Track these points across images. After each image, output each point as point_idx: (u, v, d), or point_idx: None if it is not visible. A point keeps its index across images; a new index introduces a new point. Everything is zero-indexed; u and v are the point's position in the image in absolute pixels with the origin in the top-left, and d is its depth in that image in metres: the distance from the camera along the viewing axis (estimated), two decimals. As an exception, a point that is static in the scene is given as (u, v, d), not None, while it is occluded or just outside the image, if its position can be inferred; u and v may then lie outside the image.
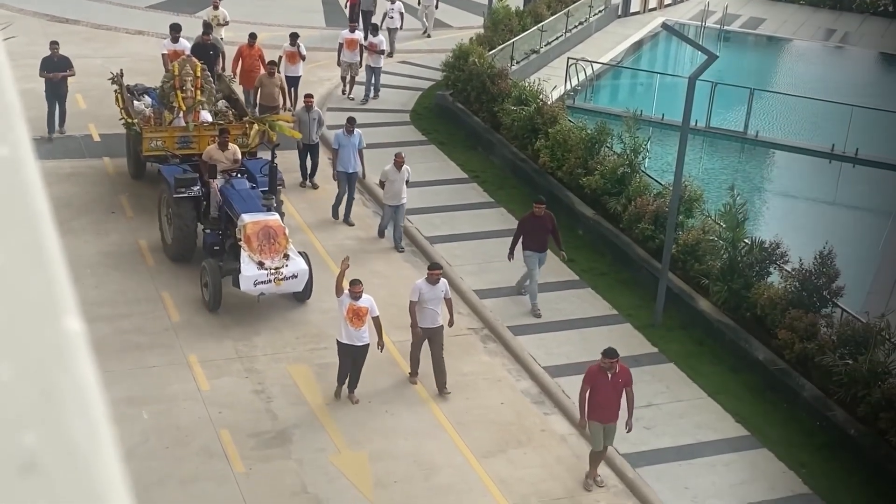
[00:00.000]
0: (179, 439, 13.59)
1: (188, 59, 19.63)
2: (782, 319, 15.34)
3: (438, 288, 14.65)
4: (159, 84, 19.67)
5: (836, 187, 26.53)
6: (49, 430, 0.76)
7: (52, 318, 0.87)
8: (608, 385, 13.00)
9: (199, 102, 19.03)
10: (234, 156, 17.68)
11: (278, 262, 15.71)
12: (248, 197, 16.65)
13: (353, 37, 25.40)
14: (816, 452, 14.18)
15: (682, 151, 16.53)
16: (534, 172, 21.54)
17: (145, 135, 18.66)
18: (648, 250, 18.24)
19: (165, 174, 17.64)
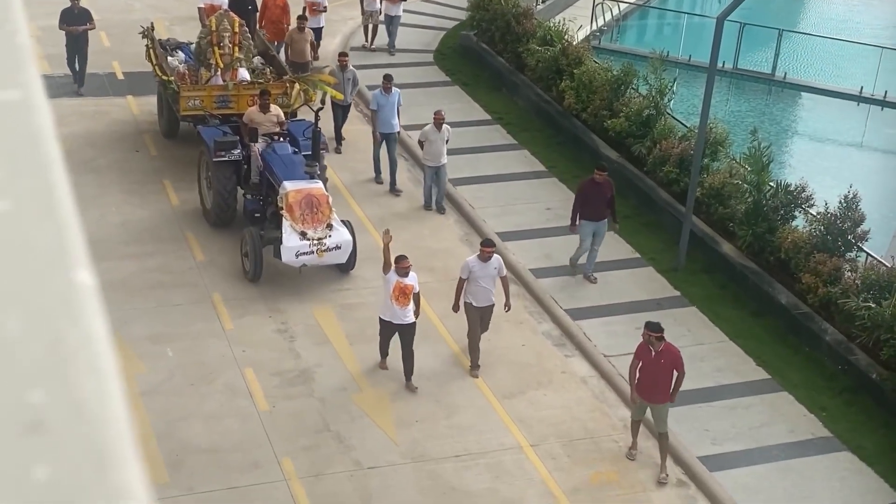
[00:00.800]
0: (204, 377, 13.71)
1: (226, 13, 18.71)
2: (806, 263, 15.25)
3: (491, 265, 13.88)
4: (195, 39, 18.84)
5: (864, 130, 26.20)
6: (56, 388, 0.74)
7: (62, 271, 0.84)
8: (651, 362, 12.43)
9: (238, 60, 18.14)
10: (276, 118, 16.86)
11: (321, 232, 15.04)
12: (290, 163, 15.84)
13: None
14: (837, 396, 14.16)
15: (709, 93, 16.33)
16: (558, 114, 21.36)
17: (183, 93, 17.63)
18: (672, 194, 18.11)
19: (205, 136, 16.77)
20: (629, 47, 28.08)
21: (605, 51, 26.51)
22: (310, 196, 15.12)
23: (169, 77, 18.16)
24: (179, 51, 19.64)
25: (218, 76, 17.92)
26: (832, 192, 16.36)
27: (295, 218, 14.98)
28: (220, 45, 18.04)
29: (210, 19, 18.57)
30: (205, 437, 12.63)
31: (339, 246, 15.12)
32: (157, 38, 19.50)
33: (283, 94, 17.81)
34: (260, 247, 15.33)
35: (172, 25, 25.92)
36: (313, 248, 14.93)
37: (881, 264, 14.92)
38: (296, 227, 14.96)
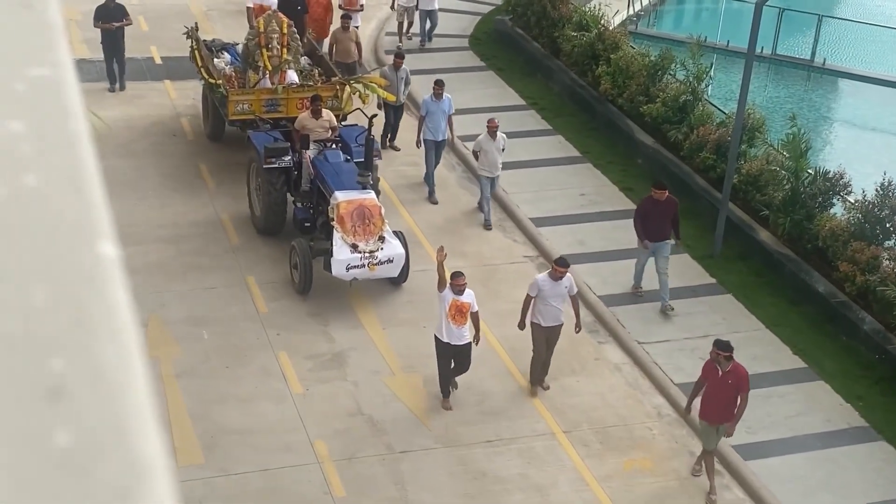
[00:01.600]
0: (239, 359, 13.82)
1: (274, 14, 18.03)
2: (844, 252, 15.11)
3: (562, 284, 13.23)
4: (242, 41, 18.24)
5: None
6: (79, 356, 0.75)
7: (88, 243, 0.85)
8: (717, 381, 11.93)
9: (286, 62, 17.56)
10: (329, 124, 16.27)
11: (373, 244, 14.46)
12: (342, 172, 15.31)
13: None
14: (874, 386, 14.04)
15: (747, 79, 16.19)
16: (593, 100, 21.27)
17: (231, 97, 17.14)
18: (709, 180, 17.99)
19: (255, 142, 16.18)
20: (666, 32, 27.89)
21: (642, 36, 26.35)
22: (362, 207, 14.57)
23: (216, 80, 17.69)
24: (225, 52, 19.10)
25: (266, 79, 17.44)
26: (871, 179, 16.18)
27: (346, 230, 14.45)
28: (269, 46, 17.50)
29: (258, 20, 17.98)
30: (239, 420, 12.74)
31: (391, 259, 14.56)
32: (201, 39, 19.01)
33: (334, 97, 17.40)
34: (310, 258, 14.78)
35: (210, 10, 26.06)
36: (364, 262, 14.42)
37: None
38: (347, 239, 14.42)
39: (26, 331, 0.76)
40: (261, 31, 17.53)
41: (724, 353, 11.90)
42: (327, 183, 15.14)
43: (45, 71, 1.09)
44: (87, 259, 0.83)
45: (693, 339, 14.76)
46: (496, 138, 16.73)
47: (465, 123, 20.18)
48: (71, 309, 0.78)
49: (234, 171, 18.29)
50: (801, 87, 26.77)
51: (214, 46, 19.25)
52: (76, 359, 0.74)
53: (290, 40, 17.65)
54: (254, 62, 17.56)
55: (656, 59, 20.07)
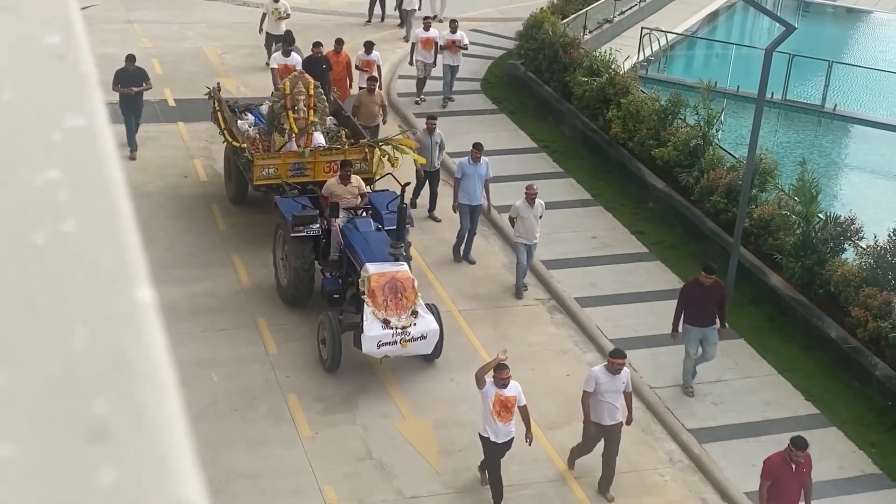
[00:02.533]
0: (248, 402, 13.80)
1: (300, 75, 17.43)
2: (856, 297, 15.08)
3: (619, 379, 12.40)
4: (267, 102, 17.86)
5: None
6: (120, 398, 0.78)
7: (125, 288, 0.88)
8: (791, 478, 11.42)
9: (313, 124, 17.05)
10: (358, 190, 15.71)
11: (405, 320, 13.75)
12: (373, 242, 14.65)
13: (430, 35, 22.99)
14: (887, 432, 13.95)
15: (757, 124, 16.26)
16: (604, 143, 21.37)
17: (257, 162, 16.57)
18: (720, 224, 18.02)
19: (283, 209, 15.51)
20: (677, 77, 28.04)
21: (653, 80, 26.48)
22: (394, 280, 13.87)
23: (241, 144, 17.14)
24: (248, 113, 18.51)
25: (292, 142, 16.89)
26: (882, 225, 16.19)
27: (377, 304, 13.73)
28: (295, 108, 16.92)
29: (284, 82, 17.36)
30: (248, 463, 12.70)
31: (424, 336, 13.84)
32: (224, 100, 18.49)
33: (363, 160, 16.86)
34: (339, 333, 14.04)
35: (225, 54, 26.32)
36: (397, 338, 13.68)
37: (933, 299, 14.71)
38: (378, 314, 13.70)
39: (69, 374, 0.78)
40: (287, 92, 16.96)
41: (800, 452, 11.36)
42: (357, 254, 14.48)
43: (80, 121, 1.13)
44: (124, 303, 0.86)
45: (705, 383, 14.71)
46: (534, 205, 16.07)
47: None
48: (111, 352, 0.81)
49: (246, 213, 18.40)
50: (812, 133, 26.84)
51: (237, 107, 18.76)
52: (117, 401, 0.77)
53: (316, 101, 17.16)
54: (279, 125, 17.04)
55: (666, 103, 20.18)
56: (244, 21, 27.87)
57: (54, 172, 1.03)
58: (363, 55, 21.66)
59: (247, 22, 27.22)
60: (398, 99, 23.79)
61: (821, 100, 26.98)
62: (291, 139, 16.87)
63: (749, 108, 21.23)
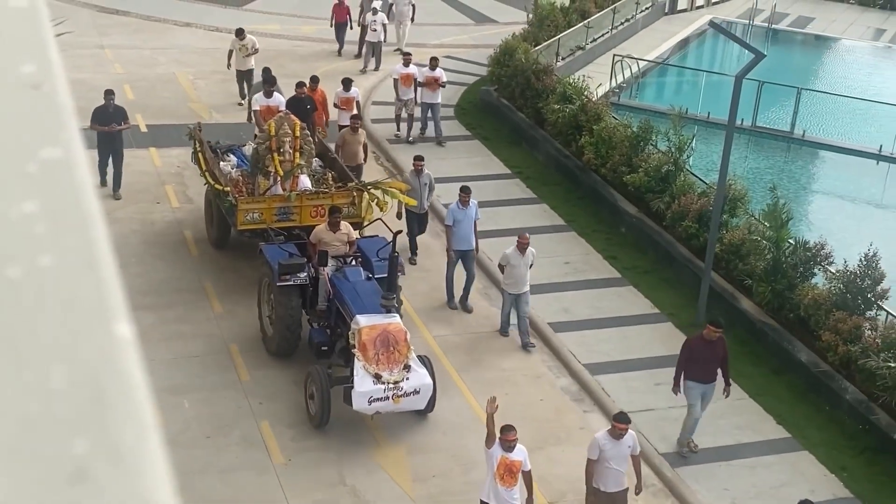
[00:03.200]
0: (220, 429, 13.70)
1: (286, 116, 16.83)
2: (826, 321, 15.18)
3: (625, 443, 11.83)
4: (251, 144, 17.24)
5: (884, 188, 26.18)
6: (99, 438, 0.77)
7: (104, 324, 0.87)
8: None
9: (299, 166, 16.44)
10: (347, 237, 15.12)
11: (398, 374, 13.15)
12: (364, 293, 14.03)
13: (409, 71, 22.56)
14: (858, 456, 14.01)
15: (728, 150, 16.38)
16: (577, 169, 21.47)
17: (241, 206, 15.94)
18: (692, 249, 18.11)
19: (269, 257, 14.85)
20: (648, 104, 28.24)
21: (624, 107, 26.66)
22: (386, 333, 13.29)
23: (224, 187, 16.55)
24: (231, 154, 17.95)
25: (277, 185, 16.30)
26: (852, 249, 16.33)
27: (368, 358, 13.15)
28: (280, 150, 16.30)
29: (268, 123, 16.76)
30: (220, 491, 12.59)
31: (417, 390, 13.22)
32: (205, 141, 17.91)
33: (351, 204, 16.24)
34: (328, 388, 13.41)
35: (197, 80, 26.27)
36: (389, 394, 13.07)
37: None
38: (369, 368, 13.11)
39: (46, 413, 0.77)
40: (272, 134, 16.40)
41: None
42: (347, 305, 13.87)
43: (57, 152, 1.11)
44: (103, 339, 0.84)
45: (677, 408, 14.72)
46: (525, 254, 15.53)
47: (450, 191, 20.30)
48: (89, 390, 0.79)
49: (219, 238, 18.29)
50: (781, 159, 27.09)
51: (219, 148, 18.18)
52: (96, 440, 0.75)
53: (302, 143, 16.58)
54: (264, 167, 16.47)
55: (638, 130, 20.32)
56: (216, 47, 27.86)
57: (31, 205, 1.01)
58: (342, 92, 20.97)
59: (219, 48, 27.20)
60: (371, 125, 23.80)
61: (790, 126, 27.25)
62: (276, 182, 16.31)
63: (719, 135, 21.42)
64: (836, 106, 29.20)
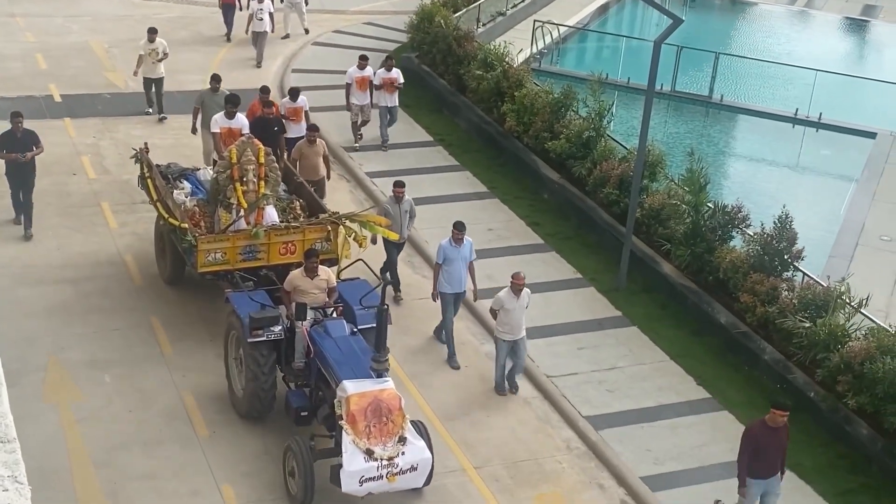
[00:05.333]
0: (143, 402, 13.53)
1: (249, 141, 14.90)
2: (744, 283, 15.46)
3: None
4: (212, 173, 15.31)
5: (800, 151, 26.69)
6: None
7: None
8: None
9: (264, 197, 14.68)
10: (326, 283, 13.31)
11: (392, 448, 11.53)
12: (350, 352, 12.36)
13: (365, 74, 20.93)
14: (776, 414, 14.31)
15: (647, 115, 16.53)
16: (499, 136, 21.50)
17: (202, 246, 14.09)
18: (613, 214, 18.28)
19: (237, 308, 13.07)
20: (569, 70, 28.37)
21: (546, 73, 26.75)
22: (378, 401, 11.62)
23: (181, 223, 14.57)
24: (184, 180, 15.97)
25: (241, 220, 14.51)
26: (768, 212, 16.62)
27: (359, 431, 11.50)
28: (243, 180, 14.57)
29: (230, 150, 14.79)
30: (144, 465, 12.45)
31: (414, 466, 11.60)
32: (154, 165, 15.94)
33: (325, 239, 14.63)
34: (311, 463, 11.73)
35: (112, 48, 25.72)
36: (382, 472, 11.44)
37: (817, 283, 15.16)
38: (360, 443, 11.47)
39: None
40: (233, 161, 14.56)
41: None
42: (331, 367, 12.21)
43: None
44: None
45: (600, 371, 14.92)
46: (520, 295, 13.96)
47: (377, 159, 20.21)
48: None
49: (138, 210, 18.01)
50: (700, 123, 27.43)
51: (171, 173, 16.18)
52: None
53: (268, 171, 14.80)
54: (225, 199, 14.64)
55: (559, 96, 20.40)
56: (130, 14, 27.27)
57: None
58: (288, 102, 19.14)
59: (133, 15, 26.64)
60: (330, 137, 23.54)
61: (708, 90, 27.58)
62: (239, 215, 14.52)
63: (639, 100, 21.62)
64: (753, 70, 29.63)
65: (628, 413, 14.14)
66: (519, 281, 13.93)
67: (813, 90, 26.70)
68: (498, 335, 14.18)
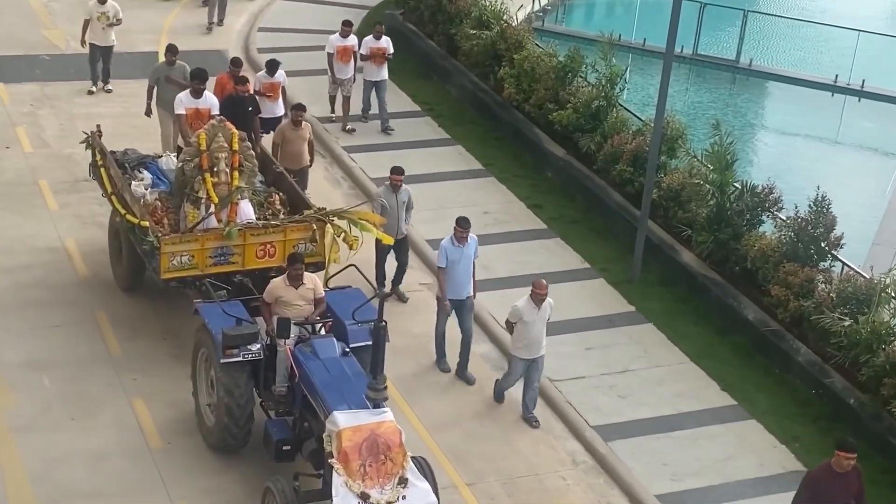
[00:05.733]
0: (87, 409, 13.54)
1: (220, 124, 14.36)
2: (775, 274, 15.49)
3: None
4: (177, 162, 14.71)
5: (839, 123, 26.74)
6: None
7: None
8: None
9: (238, 190, 14.12)
10: (313, 293, 12.85)
11: (391, 492, 11.03)
12: (341, 377, 11.82)
13: (348, 44, 20.46)
14: (811, 424, 14.39)
15: (666, 82, 16.53)
16: (497, 105, 21.49)
17: (166, 248, 13.57)
18: (626, 195, 18.31)
19: (209, 323, 12.56)
20: (576, 30, 28.38)
21: (549, 33, 26.76)
22: (374, 437, 11.14)
23: (140, 220, 14.03)
24: (143, 169, 15.39)
25: (211, 217, 14.00)
26: (803, 193, 16.65)
27: (352, 471, 11.01)
28: (214, 170, 14.01)
29: (198, 134, 14.25)
30: (88, 480, 12.47)
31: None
32: (108, 151, 15.40)
33: (310, 239, 14.17)
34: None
35: (50, 2, 25.63)
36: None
37: (858, 275, 15.20)
38: (353, 485, 10.99)
39: None
40: (202, 149, 14.02)
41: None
42: (319, 395, 11.69)
43: None
44: None
45: (611, 374, 14.96)
46: (542, 307, 13.62)
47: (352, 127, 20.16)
48: None
49: (82, 189, 17.97)
50: (726, 91, 27.46)
51: (128, 161, 15.56)
52: None
53: (242, 160, 14.25)
54: (192, 193, 14.12)
55: (565, 59, 20.39)
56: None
57: None
58: (264, 77, 18.74)
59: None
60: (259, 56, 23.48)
61: (735, 54, 27.61)
62: (210, 213, 14.00)
63: (657, 64, 21.61)
64: (786, 31, 29.66)
65: (642, 422, 14.17)
66: (541, 290, 13.55)
67: (855, 53, 26.74)
68: (514, 352, 13.82)
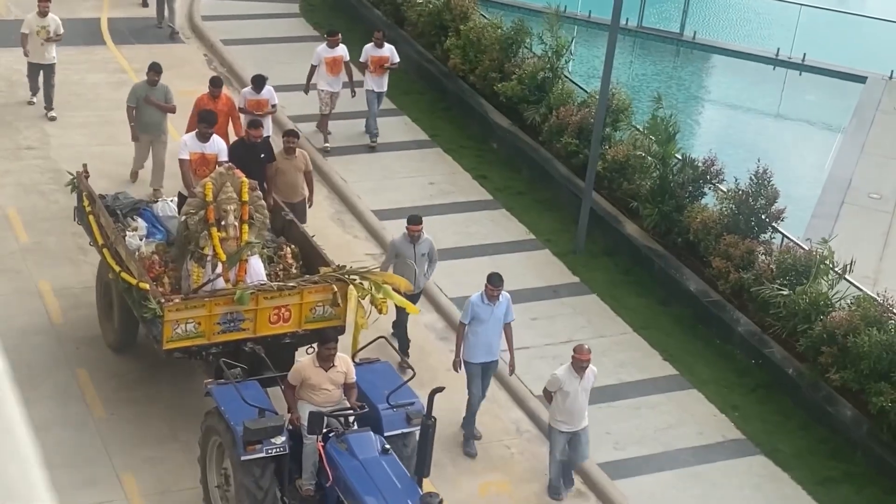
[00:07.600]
0: (29, 380, 13.42)
1: (229, 171, 12.95)
2: (716, 246, 15.66)
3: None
4: (180, 218, 13.10)
5: (781, 97, 26.99)
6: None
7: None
8: None
9: (248, 246, 12.63)
10: (344, 377, 11.42)
11: None
12: (384, 482, 10.44)
13: (337, 54, 19.15)
14: (751, 394, 14.60)
15: (611, 54, 16.59)
16: (442, 76, 21.47)
17: (170, 316, 11.98)
18: (571, 167, 18.39)
19: (226, 412, 11.09)
20: (522, 1, 28.33)
21: (496, 4, 26.70)
22: None
23: (138, 282, 12.45)
24: (138, 217, 13.99)
25: (220, 278, 12.50)
26: (745, 165, 16.82)
27: None
28: (221, 224, 12.56)
29: (204, 184, 12.78)
30: (31, 451, 12.35)
31: None
32: (97, 196, 13.93)
33: (332, 303, 12.73)
34: None
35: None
36: None
37: (798, 247, 15.40)
38: None
39: None
40: (209, 199, 12.57)
41: None
42: (359, 499, 10.39)
43: None
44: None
45: (555, 345, 15.07)
46: (584, 375, 12.35)
47: (291, 101, 20.07)
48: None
49: (24, 157, 17.74)
50: (670, 64, 27.61)
51: (119, 207, 14.08)
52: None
53: (252, 212, 12.81)
54: (197, 249, 12.61)
55: (510, 31, 20.39)
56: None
57: None
58: (250, 93, 17.57)
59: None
60: (203, 24, 23.21)
61: (679, 27, 27.74)
62: (217, 274, 12.51)
63: (602, 37, 21.67)
64: (730, 4, 29.84)
65: (586, 392, 14.29)
66: (583, 357, 12.27)
67: (796, 28, 26.96)
68: (553, 424, 12.55)
